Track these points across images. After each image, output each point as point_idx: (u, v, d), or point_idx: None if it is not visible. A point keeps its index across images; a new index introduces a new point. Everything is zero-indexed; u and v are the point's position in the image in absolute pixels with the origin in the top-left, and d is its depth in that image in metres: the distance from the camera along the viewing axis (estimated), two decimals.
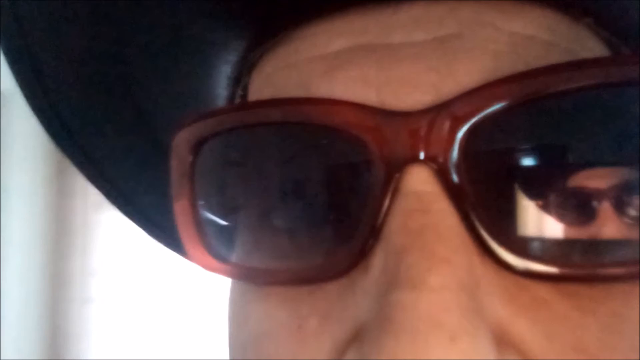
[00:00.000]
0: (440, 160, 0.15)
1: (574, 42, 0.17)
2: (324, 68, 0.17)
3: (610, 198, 0.16)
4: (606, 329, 0.15)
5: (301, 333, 0.17)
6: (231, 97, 0.23)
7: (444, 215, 0.15)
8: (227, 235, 0.20)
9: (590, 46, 0.18)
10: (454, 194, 0.15)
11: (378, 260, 0.15)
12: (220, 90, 0.23)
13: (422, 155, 0.15)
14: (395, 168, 0.16)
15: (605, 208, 0.16)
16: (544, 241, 0.16)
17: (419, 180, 0.15)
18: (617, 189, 0.16)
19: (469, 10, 0.17)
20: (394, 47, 0.17)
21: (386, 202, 0.15)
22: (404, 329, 0.13)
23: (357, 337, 0.15)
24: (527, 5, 0.17)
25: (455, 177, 0.15)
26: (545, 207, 0.16)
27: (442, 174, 0.15)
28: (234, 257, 0.20)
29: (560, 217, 0.16)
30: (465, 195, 0.15)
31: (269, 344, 0.18)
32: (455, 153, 0.15)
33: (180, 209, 0.19)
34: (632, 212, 0.15)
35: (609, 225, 0.16)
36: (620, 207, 0.16)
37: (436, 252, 0.14)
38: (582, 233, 0.16)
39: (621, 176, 0.16)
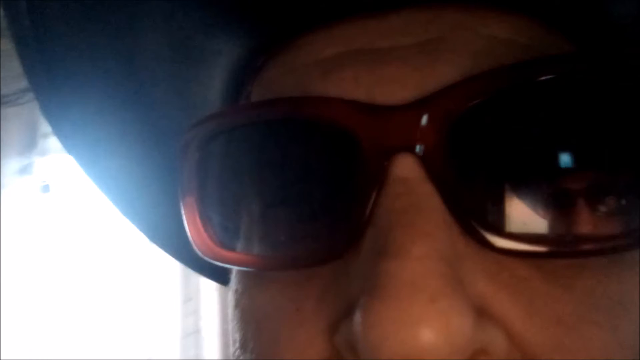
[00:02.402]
0: (424, 148, 0.17)
1: (550, 46, 0.18)
2: (319, 72, 0.19)
3: (584, 180, 0.17)
4: (582, 303, 0.16)
5: (299, 315, 0.18)
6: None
7: (427, 197, 0.16)
8: (232, 226, 0.21)
9: (566, 51, 0.19)
10: (437, 178, 0.16)
11: (368, 241, 0.17)
12: (221, 98, 0.25)
13: (406, 145, 0.17)
14: (383, 157, 0.17)
15: (579, 189, 0.17)
16: (521, 221, 0.17)
17: (405, 168, 0.17)
18: (590, 172, 0.17)
19: (450, 16, 0.18)
20: (383, 51, 0.18)
21: (375, 189, 0.17)
22: (389, 293, 0.15)
23: (348, 313, 0.16)
24: (505, 12, 0.18)
25: (437, 164, 0.17)
26: (522, 190, 0.17)
27: (425, 161, 0.17)
28: (238, 247, 0.21)
29: (537, 199, 0.17)
30: (447, 180, 0.16)
31: (269, 327, 0.19)
32: (436, 142, 0.17)
33: (188, 203, 0.21)
34: (604, 193, 0.17)
35: (582, 205, 0.17)
36: (593, 188, 0.17)
37: (419, 227, 0.16)
38: (557, 213, 0.17)
39: (594, 160, 0.17)
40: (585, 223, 0.17)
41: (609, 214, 0.17)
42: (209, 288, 1.52)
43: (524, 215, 0.17)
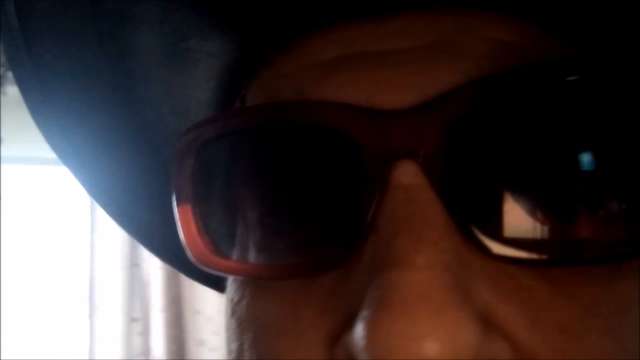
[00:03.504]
0: (425, 155, 0.16)
1: (553, 50, 0.18)
2: (317, 75, 0.19)
3: (589, 187, 0.17)
4: (586, 312, 0.16)
5: (298, 325, 0.18)
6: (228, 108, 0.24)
7: (430, 204, 0.16)
8: (229, 234, 0.21)
9: (566, 54, 0.19)
10: (439, 186, 0.16)
11: (369, 250, 0.16)
12: (215, 101, 0.24)
13: (408, 151, 0.16)
14: (384, 164, 0.17)
15: (584, 196, 0.17)
16: (525, 229, 0.17)
17: (406, 174, 0.16)
18: (595, 178, 0.17)
19: (451, 20, 0.18)
20: (382, 54, 0.18)
21: (376, 196, 0.16)
22: (394, 305, 0.14)
23: (349, 324, 0.16)
24: (504, 16, 0.18)
25: (439, 170, 0.16)
26: (526, 197, 0.17)
27: (427, 168, 0.16)
28: (235, 255, 0.20)
29: (541, 206, 0.17)
30: (449, 187, 0.16)
31: (267, 336, 0.19)
32: (439, 147, 0.16)
33: (183, 210, 0.20)
34: (609, 200, 0.17)
35: (587, 212, 0.17)
36: (598, 195, 0.17)
37: (423, 236, 0.15)
38: (562, 220, 0.17)
39: (599, 167, 0.17)
40: (590, 231, 0.17)
41: (614, 221, 0.17)
42: (156, 308, 1.46)
43: (527, 223, 0.17)
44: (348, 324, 0.16)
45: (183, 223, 0.20)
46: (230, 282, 0.22)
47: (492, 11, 0.18)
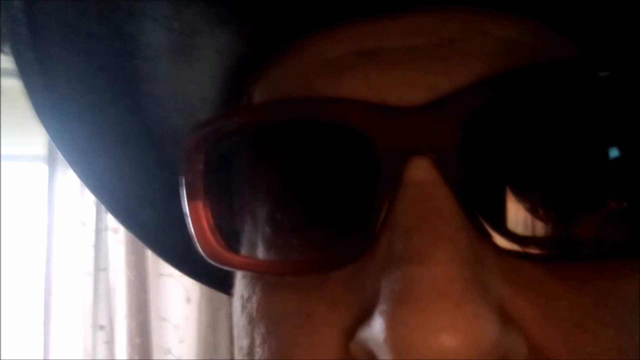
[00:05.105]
0: (439, 151, 0.17)
1: (561, 48, 0.19)
2: (328, 72, 0.19)
3: (602, 183, 0.17)
4: (598, 305, 0.17)
5: (310, 321, 0.18)
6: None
7: (445, 200, 0.16)
8: (240, 230, 0.21)
9: (575, 52, 0.19)
10: (453, 182, 0.16)
11: (384, 245, 0.16)
12: (220, 99, 0.24)
13: (423, 147, 0.17)
14: (399, 160, 0.17)
15: (597, 192, 0.17)
16: (538, 224, 0.17)
17: (421, 171, 0.17)
18: (607, 175, 0.17)
19: (461, 18, 0.18)
20: (393, 51, 0.18)
21: (391, 192, 0.17)
22: (414, 298, 0.15)
23: (365, 319, 0.16)
24: (513, 15, 0.18)
25: (453, 166, 0.17)
26: (536, 194, 0.17)
27: (441, 164, 0.17)
28: (247, 251, 0.20)
29: (553, 202, 0.17)
30: (462, 183, 0.16)
31: (279, 333, 0.19)
32: (453, 144, 0.17)
33: (194, 207, 0.20)
34: (621, 197, 0.17)
35: (596, 208, 0.17)
36: (611, 191, 0.17)
37: (441, 231, 0.16)
38: (572, 216, 0.17)
39: (610, 164, 0.17)
40: (602, 226, 0.17)
41: (624, 217, 0.17)
42: (121, 315, 1.42)
43: (539, 218, 0.17)
44: (363, 319, 0.16)
45: (194, 219, 0.20)
46: (240, 278, 0.21)
47: (502, 10, 0.18)
